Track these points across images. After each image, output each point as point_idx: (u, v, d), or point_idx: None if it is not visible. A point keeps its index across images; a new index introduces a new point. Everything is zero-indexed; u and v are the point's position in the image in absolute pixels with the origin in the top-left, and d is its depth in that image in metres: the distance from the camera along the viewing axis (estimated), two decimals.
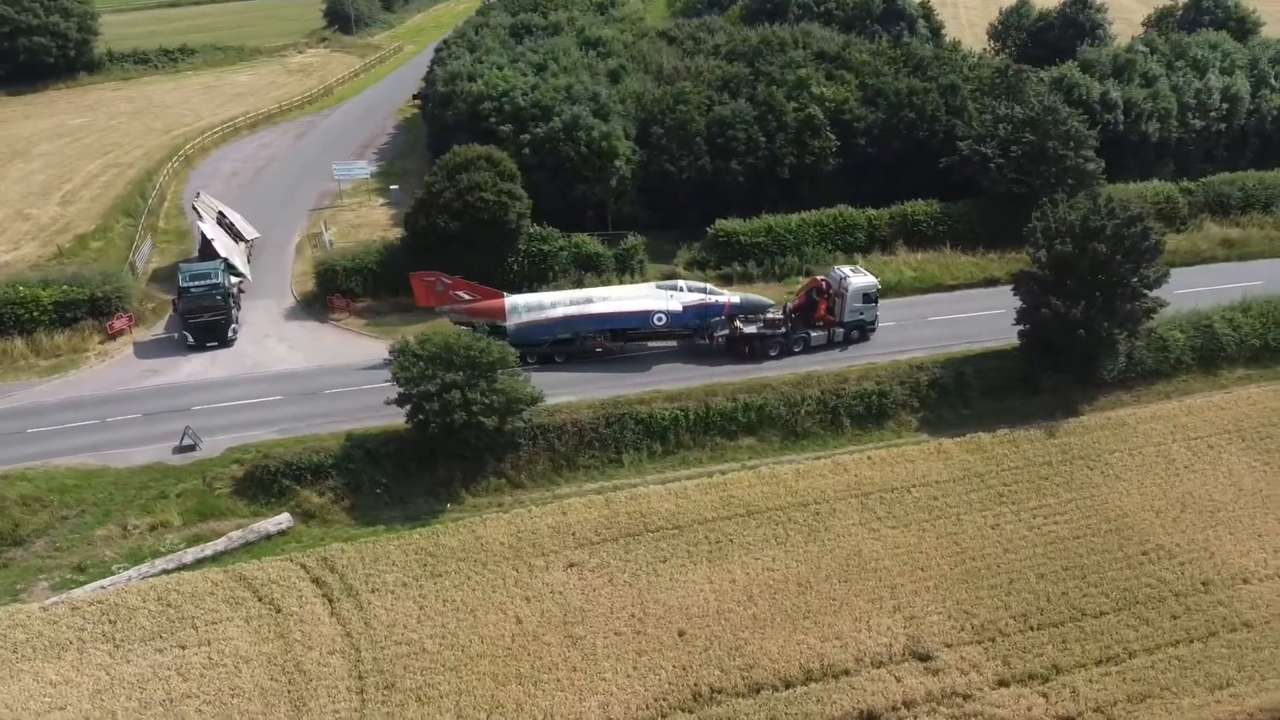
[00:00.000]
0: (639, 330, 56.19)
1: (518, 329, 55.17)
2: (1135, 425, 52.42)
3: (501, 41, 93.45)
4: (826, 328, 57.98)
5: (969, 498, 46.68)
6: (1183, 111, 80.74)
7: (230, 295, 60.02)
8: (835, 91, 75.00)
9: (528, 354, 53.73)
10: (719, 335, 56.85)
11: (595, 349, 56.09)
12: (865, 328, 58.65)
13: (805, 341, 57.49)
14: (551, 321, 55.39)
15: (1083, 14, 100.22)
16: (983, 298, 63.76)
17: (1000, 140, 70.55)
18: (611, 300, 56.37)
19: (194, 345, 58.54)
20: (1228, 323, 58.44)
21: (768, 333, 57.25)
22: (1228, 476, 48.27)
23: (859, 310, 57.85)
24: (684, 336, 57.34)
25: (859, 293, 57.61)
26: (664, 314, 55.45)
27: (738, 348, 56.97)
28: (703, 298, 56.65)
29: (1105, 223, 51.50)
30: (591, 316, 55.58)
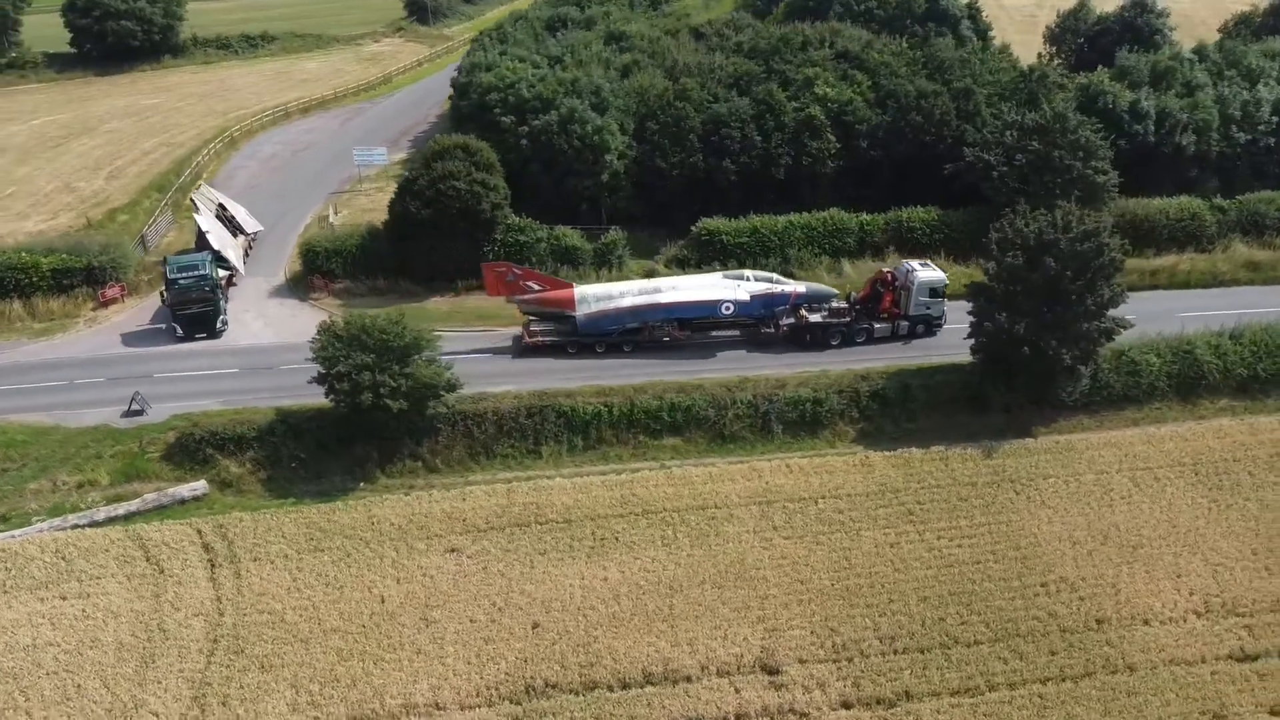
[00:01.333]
0: (706, 319, 57.19)
1: (587, 319, 56.35)
2: (1084, 451, 49.80)
3: (534, 34, 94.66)
4: (891, 320, 57.86)
5: (876, 513, 45.24)
6: (1226, 124, 75.83)
7: (218, 287, 61.35)
8: (839, 92, 73.35)
9: (596, 343, 55.85)
10: (784, 324, 57.20)
11: (663, 338, 57.00)
12: (931, 323, 58.26)
13: (869, 333, 57.59)
14: (620, 311, 56.24)
15: (1140, 18, 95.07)
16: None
17: (1006, 147, 67.78)
18: (680, 290, 57.01)
19: (183, 337, 59.47)
20: (1213, 350, 54.93)
21: (832, 321, 57.44)
22: (1165, 511, 45.46)
23: (925, 305, 57.64)
24: (749, 326, 57.98)
25: (925, 287, 57.25)
26: (731, 303, 56.13)
27: (800, 336, 57.20)
28: (769, 287, 57.23)
29: (1059, 237, 49.01)
30: (660, 306, 56.32)
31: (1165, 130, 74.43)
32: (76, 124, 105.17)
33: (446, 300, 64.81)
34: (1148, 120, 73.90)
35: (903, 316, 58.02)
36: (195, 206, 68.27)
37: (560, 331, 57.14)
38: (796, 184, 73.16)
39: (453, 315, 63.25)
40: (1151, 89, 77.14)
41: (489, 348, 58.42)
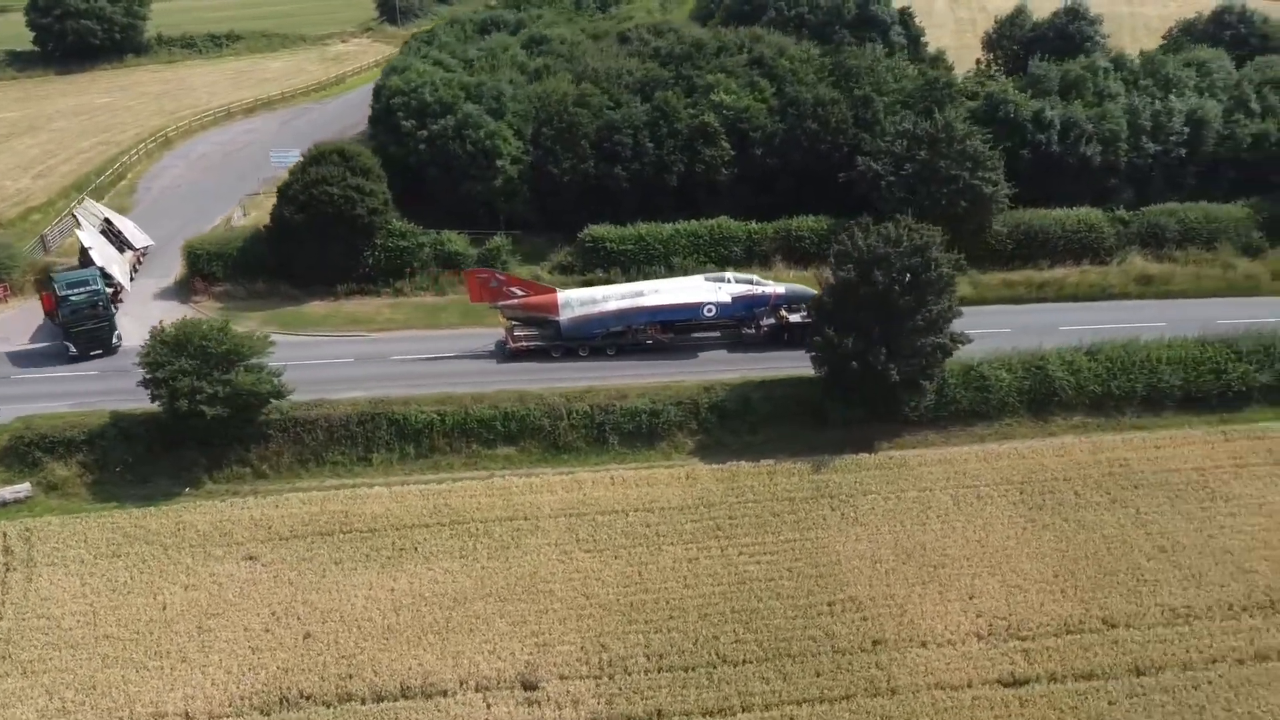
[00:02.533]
0: (689, 321, 57.94)
1: (570, 323, 57.09)
2: (915, 467, 49.32)
3: (464, 37, 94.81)
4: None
5: (685, 528, 45.01)
6: (1136, 134, 74.65)
7: (110, 302, 59.82)
8: (737, 99, 72.84)
9: (580, 346, 56.66)
10: (765, 324, 57.82)
11: (646, 341, 57.64)
12: None
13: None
14: (605, 315, 56.90)
15: (1072, 25, 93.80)
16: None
17: (895, 157, 67.19)
18: (663, 293, 57.60)
19: (76, 356, 57.51)
20: (1066, 366, 54.18)
21: (810, 321, 56.72)
22: (979, 530, 44.93)
23: None
24: (730, 327, 58.76)
25: None
26: (714, 305, 56.83)
27: (779, 336, 57.75)
28: (749, 289, 57.87)
29: (889, 251, 48.50)
30: (644, 309, 56.95)
31: (1071, 140, 73.42)
32: (24, 122, 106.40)
33: (325, 304, 65.09)
34: (1051, 130, 72.90)
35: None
36: (78, 222, 68.07)
37: (544, 336, 57.84)
38: (694, 191, 72.85)
39: (329, 319, 63.65)
40: (1060, 98, 76.12)
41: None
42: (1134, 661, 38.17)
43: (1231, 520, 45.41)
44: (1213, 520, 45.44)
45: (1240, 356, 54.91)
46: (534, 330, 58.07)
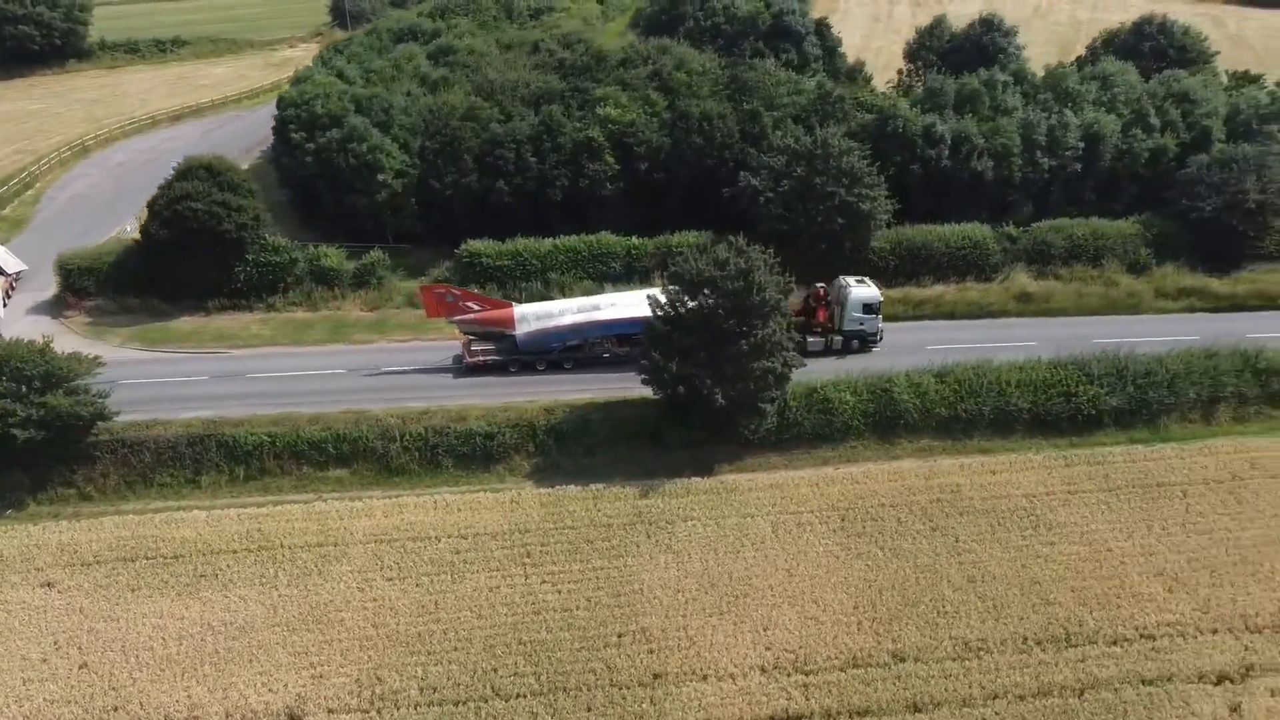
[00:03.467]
0: (640, 336, 56.82)
1: (527, 337, 57.17)
2: (745, 493, 48.86)
3: (379, 46, 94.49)
4: (824, 335, 59.05)
5: (494, 555, 44.58)
6: (1031, 149, 74.06)
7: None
8: (622, 113, 72.36)
9: (537, 360, 56.77)
10: None
11: (603, 354, 57.78)
12: (866, 338, 59.44)
13: (801, 346, 56.99)
14: (561, 329, 57.06)
15: (986, 37, 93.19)
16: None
17: (773, 173, 66.72)
18: (619, 306, 57.63)
19: None
20: (913, 389, 53.67)
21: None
22: (791, 559, 44.40)
23: (859, 320, 58.91)
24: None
25: (859, 303, 58.58)
26: None
27: None
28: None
29: (715, 274, 48.02)
30: (599, 323, 57.05)
31: (963, 155, 72.89)
32: None
33: (195, 320, 64.82)
34: (942, 145, 72.35)
35: (836, 331, 59.38)
36: None
37: (501, 350, 57.76)
38: (585, 206, 72.42)
39: (195, 335, 63.38)
40: (955, 113, 75.58)
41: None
42: (913, 697, 37.63)
43: (1048, 549, 44.84)
44: (1029, 549, 44.87)
45: (1092, 379, 54.35)
46: (491, 345, 58.12)
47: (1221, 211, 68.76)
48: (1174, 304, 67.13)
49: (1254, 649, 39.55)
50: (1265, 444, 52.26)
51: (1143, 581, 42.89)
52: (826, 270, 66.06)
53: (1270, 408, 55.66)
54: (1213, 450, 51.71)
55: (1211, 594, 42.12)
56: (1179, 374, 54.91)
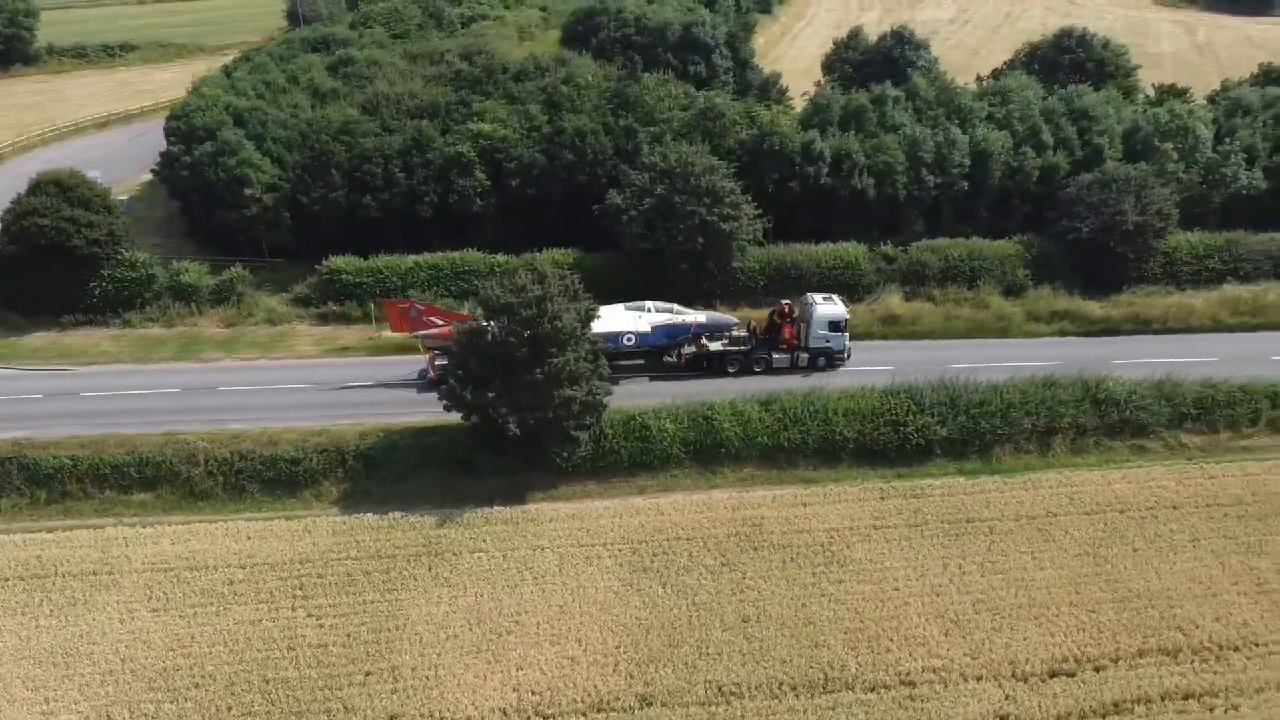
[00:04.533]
0: (609, 350, 57.28)
1: None
2: (544, 523, 47.99)
3: (287, 56, 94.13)
4: (790, 351, 59.17)
5: (268, 586, 43.88)
6: (916, 166, 72.74)
7: None
8: (494, 128, 71.55)
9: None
10: (685, 352, 59.00)
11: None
12: (832, 356, 59.46)
13: (766, 362, 59.38)
14: None
15: (896, 50, 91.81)
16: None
17: (636, 191, 65.78)
18: None
19: None
20: (735, 417, 52.55)
21: (730, 350, 59.30)
22: (568, 594, 43.47)
23: (824, 338, 59.02)
24: (652, 355, 59.48)
25: (824, 320, 58.73)
26: (633, 334, 57.83)
27: (699, 364, 59.15)
28: (670, 318, 58.89)
29: (511, 300, 47.15)
30: None
31: (844, 172, 71.71)
32: None
33: (47, 335, 64.54)
34: (821, 162, 71.19)
35: (802, 348, 59.37)
36: None
37: None
38: (464, 222, 71.76)
39: (42, 351, 63.12)
40: (839, 129, 74.37)
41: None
42: None
43: (835, 588, 43.70)
44: (816, 587, 43.74)
45: (923, 408, 53.09)
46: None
47: (1098, 233, 67.27)
48: (1046, 327, 65.72)
49: (1014, 698, 38.32)
50: (1092, 477, 50.91)
51: (921, 623, 41.68)
52: (690, 290, 65.37)
53: (1109, 439, 54.24)
54: (1036, 484, 50.40)
55: (987, 638, 40.90)
56: (1014, 403, 53.58)
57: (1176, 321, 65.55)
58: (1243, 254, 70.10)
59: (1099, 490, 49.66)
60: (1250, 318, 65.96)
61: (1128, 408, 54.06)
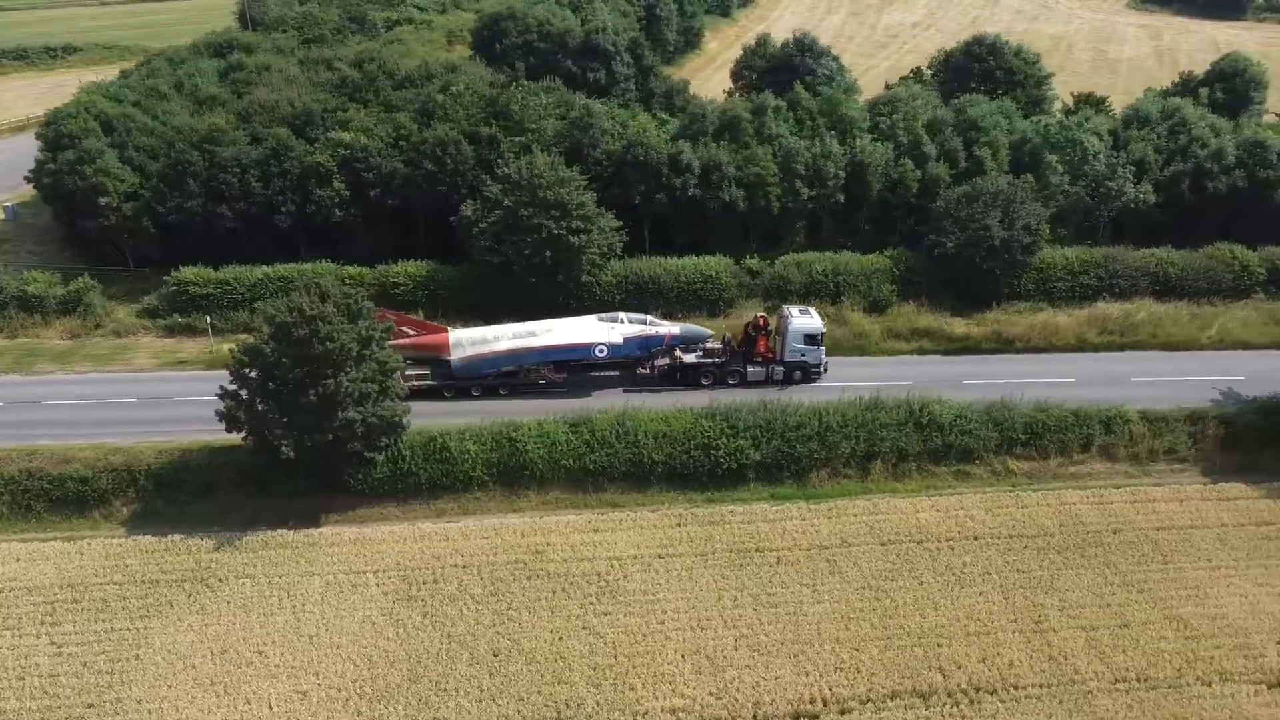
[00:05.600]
0: (582, 362, 57.79)
1: (462, 363, 56.89)
2: (326, 547, 46.91)
3: (184, 61, 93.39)
4: (765, 364, 58.38)
5: (19, 612, 42.80)
6: (790, 178, 71.22)
7: None
8: (354, 137, 70.46)
9: (473, 386, 56.73)
10: (659, 364, 58.33)
11: (539, 380, 57.67)
12: (809, 370, 58.55)
13: (741, 375, 58.69)
14: (496, 355, 56.74)
15: (798, 58, 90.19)
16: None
17: (487, 203, 64.61)
18: (554, 333, 57.65)
19: None
20: (542, 439, 51.22)
21: (704, 362, 58.77)
22: (323, 624, 42.27)
23: (800, 351, 58.20)
24: (626, 366, 58.94)
25: (800, 333, 57.99)
26: (605, 346, 57.24)
27: (673, 376, 58.54)
28: (643, 329, 58.31)
29: (288, 320, 45.91)
30: (535, 349, 56.98)
31: (714, 184, 70.31)
32: None
33: None
34: (689, 174, 69.79)
35: (777, 361, 58.64)
36: None
37: (436, 375, 57.31)
38: (333, 232, 70.74)
39: None
40: (714, 140, 72.88)
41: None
42: None
43: (600, 620, 42.33)
44: (580, 619, 42.39)
45: (737, 432, 51.62)
46: (424, 370, 57.58)
47: (964, 248, 65.58)
48: (905, 345, 64.16)
49: None
50: (901, 505, 49.48)
51: (675, 660, 40.27)
52: (543, 303, 64.13)
53: (933, 464, 52.68)
54: (841, 511, 48.90)
55: (738, 676, 39.45)
56: (832, 426, 52.05)
57: (1040, 340, 63.73)
58: (1119, 270, 68.19)
59: (903, 519, 48.09)
60: (1118, 337, 64.15)
61: (952, 432, 52.38)
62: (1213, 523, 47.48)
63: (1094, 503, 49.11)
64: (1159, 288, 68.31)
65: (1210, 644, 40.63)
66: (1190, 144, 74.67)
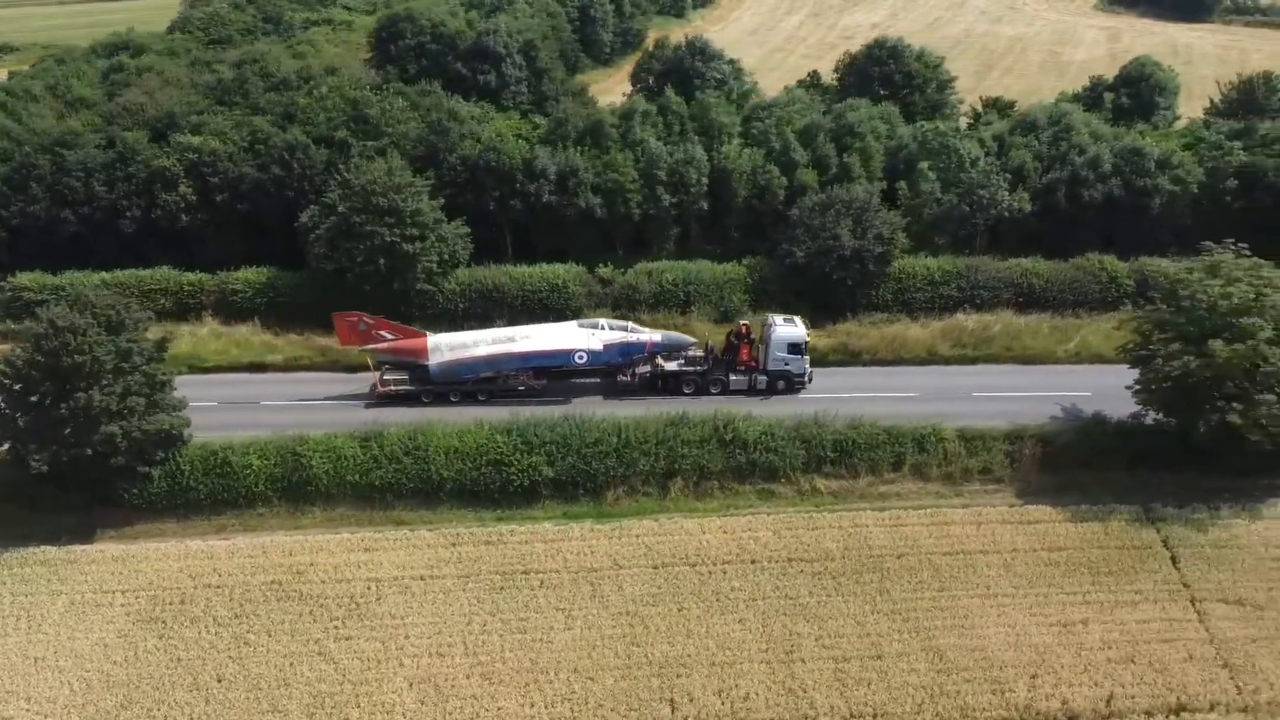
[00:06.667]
0: (561, 368, 57.25)
1: (440, 367, 56.33)
2: (85, 565, 45.74)
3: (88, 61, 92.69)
4: (748, 373, 57.40)
5: None
6: (651, 185, 69.67)
7: None
8: (203, 141, 69.30)
9: (451, 391, 56.17)
10: (640, 371, 57.49)
11: (518, 386, 57.11)
12: (792, 379, 57.44)
13: (723, 384, 57.73)
14: (475, 360, 56.27)
15: (688, 62, 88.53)
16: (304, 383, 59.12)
17: (324, 209, 63.35)
18: (534, 339, 57.10)
19: None
20: (329, 454, 49.85)
21: (686, 370, 57.98)
22: (50, 646, 41.18)
23: (783, 360, 57.00)
24: (607, 373, 58.23)
25: (783, 342, 56.77)
26: (585, 352, 56.51)
27: (654, 383, 57.73)
28: (624, 336, 57.60)
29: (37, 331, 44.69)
30: (514, 355, 56.42)
31: (570, 190, 68.88)
32: None
33: None
34: (544, 180, 68.35)
35: (760, 370, 57.50)
36: None
37: (414, 380, 56.82)
38: (182, 237, 69.57)
39: None
40: (577, 145, 71.36)
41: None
42: None
43: (339, 645, 40.98)
44: (319, 644, 41.02)
45: (532, 448, 50.13)
46: (404, 374, 57.04)
47: (814, 257, 63.85)
48: None
49: None
50: (688, 526, 47.77)
51: (402, 688, 38.93)
52: (384, 311, 62.90)
53: (737, 482, 51.06)
54: (624, 531, 47.30)
55: (462, 706, 38.11)
56: (631, 443, 50.49)
57: (888, 353, 62.07)
58: (981, 281, 66.21)
59: (685, 540, 46.49)
60: (970, 350, 62.36)
61: (757, 450, 50.76)
62: (1004, 548, 45.62)
63: (888, 525, 47.32)
64: (1023, 299, 66.31)
65: (961, 677, 38.92)
66: (1069, 151, 72.64)
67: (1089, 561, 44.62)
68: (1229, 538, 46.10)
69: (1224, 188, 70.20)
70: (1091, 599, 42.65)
